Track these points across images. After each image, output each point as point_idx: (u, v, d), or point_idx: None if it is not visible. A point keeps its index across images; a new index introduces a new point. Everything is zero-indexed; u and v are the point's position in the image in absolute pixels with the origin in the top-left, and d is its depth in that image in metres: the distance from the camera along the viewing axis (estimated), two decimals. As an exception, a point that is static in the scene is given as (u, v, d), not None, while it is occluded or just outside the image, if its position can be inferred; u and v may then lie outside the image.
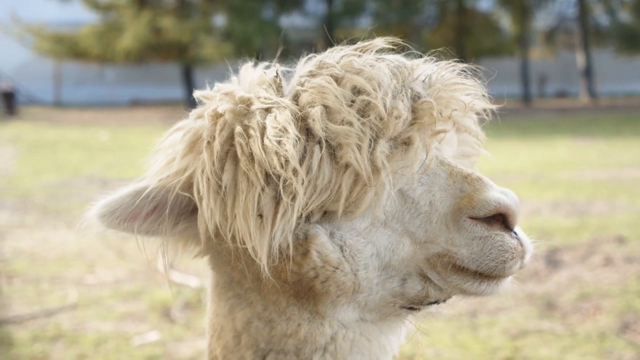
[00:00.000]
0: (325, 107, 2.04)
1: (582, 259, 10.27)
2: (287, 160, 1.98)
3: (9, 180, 19.37)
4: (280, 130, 2.02)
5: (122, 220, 2.31)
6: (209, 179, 2.12)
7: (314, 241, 2.07)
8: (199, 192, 2.18)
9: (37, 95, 57.84)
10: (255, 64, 2.45)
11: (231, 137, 2.12)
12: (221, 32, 51.38)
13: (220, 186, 2.11)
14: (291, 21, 57.96)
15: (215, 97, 2.31)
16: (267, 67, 2.41)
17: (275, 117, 2.05)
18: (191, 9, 52.95)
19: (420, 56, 2.34)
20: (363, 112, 2.03)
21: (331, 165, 2.01)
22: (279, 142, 2.00)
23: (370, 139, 1.99)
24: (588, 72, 59.58)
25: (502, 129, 4.04)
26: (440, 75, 2.17)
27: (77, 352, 7.16)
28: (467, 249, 2.07)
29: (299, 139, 2.00)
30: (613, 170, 19.81)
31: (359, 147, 1.97)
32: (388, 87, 2.06)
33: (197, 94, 2.52)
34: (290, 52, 2.54)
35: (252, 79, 2.31)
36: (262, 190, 2.04)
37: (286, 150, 1.97)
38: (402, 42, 2.36)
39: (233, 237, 2.11)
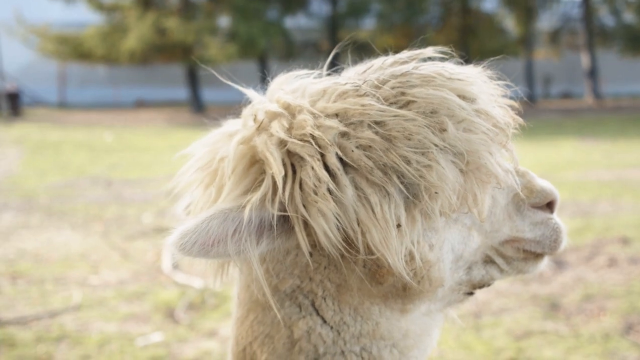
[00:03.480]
0: (450, 116, 2.05)
1: (587, 260, 10.25)
2: (429, 166, 2.00)
3: (13, 181, 19.40)
4: (418, 142, 2.01)
5: (206, 247, 2.12)
6: (325, 195, 2.04)
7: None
8: (302, 206, 2.08)
9: (42, 96, 57.94)
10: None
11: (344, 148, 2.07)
12: (225, 33, 51.39)
13: (340, 201, 2.05)
14: (296, 22, 58.00)
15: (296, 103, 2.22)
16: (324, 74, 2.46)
17: (406, 128, 2.03)
18: (195, 9, 52.98)
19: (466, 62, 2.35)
20: (483, 119, 2.11)
21: (458, 170, 2.05)
22: (423, 154, 2.00)
23: (495, 146, 2.12)
24: (593, 73, 59.50)
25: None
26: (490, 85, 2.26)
27: (81, 353, 7.17)
28: (531, 233, 2.34)
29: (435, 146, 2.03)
30: (618, 171, 19.77)
31: (490, 154, 2.07)
32: (490, 95, 2.19)
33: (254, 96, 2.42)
34: (294, 52, 2.54)
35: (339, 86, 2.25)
36: (398, 199, 2.02)
37: (430, 161, 2.00)
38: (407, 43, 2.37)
39: (366, 247, 2.06)
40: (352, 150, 2.03)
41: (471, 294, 2.42)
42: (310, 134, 2.06)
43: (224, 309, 8.42)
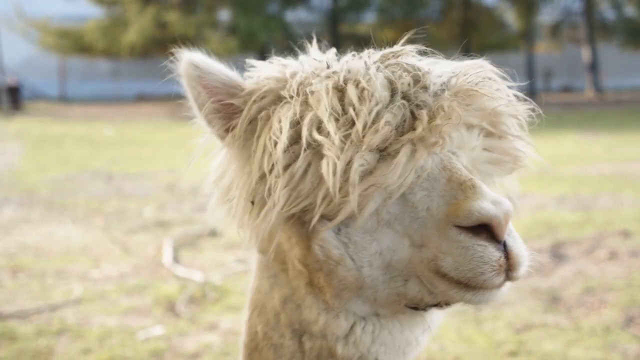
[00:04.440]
0: (317, 116, 2.09)
1: (587, 253, 10.25)
2: (273, 165, 2.10)
3: (14, 175, 19.41)
4: (278, 130, 2.12)
5: (202, 82, 2.38)
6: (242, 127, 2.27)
7: (317, 236, 2.13)
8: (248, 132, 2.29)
9: (42, 90, 57.89)
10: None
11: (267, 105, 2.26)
12: (226, 27, 51.36)
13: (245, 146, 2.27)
14: (296, 16, 57.89)
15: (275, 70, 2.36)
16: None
17: (280, 120, 2.14)
18: (196, 3, 52.97)
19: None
20: (349, 125, 2.07)
21: (313, 174, 2.08)
22: (275, 144, 2.11)
23: (351, 153, 2.02)
24: (593, 67, 59.44)
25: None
26: (459, 81, 2.17)
27: (82, 347, 7.17)
28: (451, 257, 2.02)
29: (291, 143, 2.10)
30: (618, 165, 19.76)
31: (335, 162, 2.01)
32: (379, 98, 2.09)
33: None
34: (295, 47, 2.56)
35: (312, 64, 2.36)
36: (258, 180, 2.17)
37: (276, 154, 2.09)
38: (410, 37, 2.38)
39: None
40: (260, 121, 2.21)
41: (417, 308, 2.24)
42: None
43: (225, 302, 8.42)
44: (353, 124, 2.05)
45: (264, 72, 2.35)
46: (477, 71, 2.24)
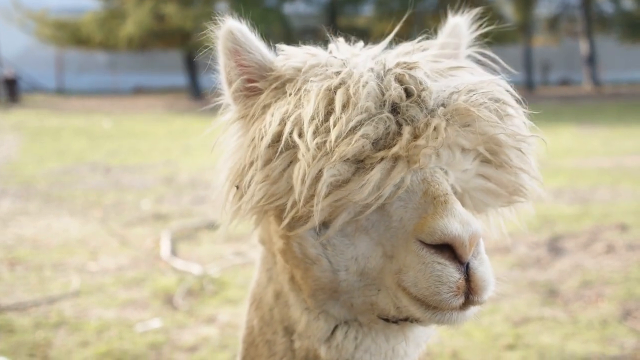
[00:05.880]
0: (301, 117, 2.04)
1: (585, 247, 10.27)
2: (256, 157, 2.09)
3: (12, 167, 19.38)
4: (268, 124, 2.10)
5: (236, 58, 2.34)
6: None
7: (296, 233, 2.09)
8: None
9: (40, 82, 57.77)
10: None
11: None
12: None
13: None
14: (294, 8, 57.81)
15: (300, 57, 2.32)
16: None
17: (273, 114, 2.12)
18: (194, -5, 52.86)
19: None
20: (327, 132, 1.99)
21: (289, 176, 2.04)
22: (261, 138, 2.08)
23: (323, 162, 1.96)
24: (591, 60, 59.40)
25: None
26: (460, 99, 2.06)
27: (80, 339, 7.17)
28: (412, 272, 1.96)
29: (275, 140, 2.07)
30: (616, 158, 19.77)
31: (305, 169, 1.97)
32: (362, 108, 2.01)
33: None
34: (293, 39, 2.54)
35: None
36: (246, 167, 2.14)
37: (260, 147, 2.08)
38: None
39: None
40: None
41: (389, 321, 2.19)
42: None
43: (223, 295, 8.43)
44: (326, 133, 1.99)
45: (290, 58, 2.30)
46: (487, 90, 2.12)
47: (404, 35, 2.44)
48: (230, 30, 2.31)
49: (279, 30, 52.90)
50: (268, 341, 2.42)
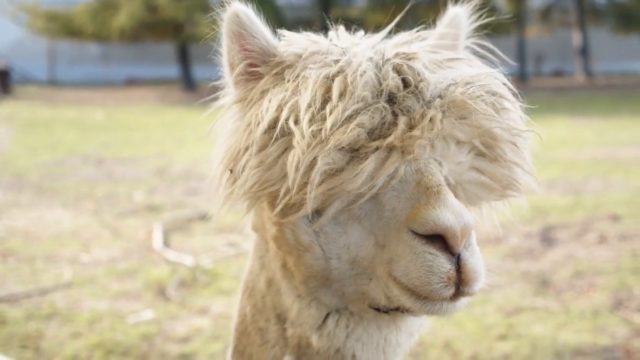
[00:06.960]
0: (298, 104, 2.04)
1: (577, 237, 10.29)
2: (252, 142, 2.08)
3: (3, 159, 19.32)
4: (265, 109, 2.09)
5: (240, 42, 2.32)
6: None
7: (289, 220, 2.10)
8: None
9: (32, 74, 57.60)
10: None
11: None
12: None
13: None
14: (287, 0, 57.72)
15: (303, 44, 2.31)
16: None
17: (270, 100, 2.11)
18: (187, -14, 52.67)
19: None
20: (323, 120, 1.99)
21: (284, 163, 2.03)
22: (258, 123, 2.07)
23: (317, 150, 1.96)
24: (584, 51, 59.48)
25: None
26: (457, 91, 2.05)
27: (72, 331, 7.16)
28: (403, 262, 1.96)
29: (271, 127, 2.06)
30: (609, 149, 19.82)
31: (299, 156, 1.97)
32: (359, 97, 2.00)
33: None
34: (285, 30, 2.52)
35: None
36: (241, 151, 2.14)
37: (256, 133, 2.07)
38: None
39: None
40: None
41: (380, 311, 2.19)
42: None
43: (215, 286, 8.42)
44: (322, 120, 1.99)
45: (292, 45, 2.29)
46: (484, 83, 2.11)
47: (400, 25, 2.43)
48: (236, 14, 2.30)
49: (272, 21, 52.75)
50: (260, 329, 2.42)
